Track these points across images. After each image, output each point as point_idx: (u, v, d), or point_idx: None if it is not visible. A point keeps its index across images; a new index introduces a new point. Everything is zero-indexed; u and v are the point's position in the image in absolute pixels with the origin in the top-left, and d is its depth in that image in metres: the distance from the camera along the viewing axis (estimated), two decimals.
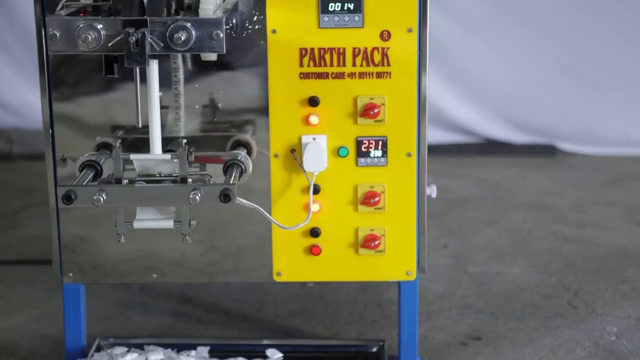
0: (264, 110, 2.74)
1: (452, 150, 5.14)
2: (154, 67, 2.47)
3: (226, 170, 2.62)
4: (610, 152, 5.07)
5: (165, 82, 2.67)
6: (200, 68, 2.71)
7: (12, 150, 5.15)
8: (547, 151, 5.11)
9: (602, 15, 4.96)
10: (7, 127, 5.16)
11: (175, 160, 2.48)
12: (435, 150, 4.85)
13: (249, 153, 2.73)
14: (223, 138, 2.74)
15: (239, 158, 2.65)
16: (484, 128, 5.13)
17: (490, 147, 5.15)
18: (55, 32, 2.34)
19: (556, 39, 5.01)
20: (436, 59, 4.68)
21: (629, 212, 4.32)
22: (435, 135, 5.04)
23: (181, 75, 2.71)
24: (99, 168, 2.58)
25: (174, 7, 2.51)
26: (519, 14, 4.98)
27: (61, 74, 2.72)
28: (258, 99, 2.73)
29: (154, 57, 2.41)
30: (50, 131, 2.75)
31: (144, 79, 2.48)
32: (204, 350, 2.97)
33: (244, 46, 2.70)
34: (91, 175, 2.55)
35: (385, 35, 2.69)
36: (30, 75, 5.00)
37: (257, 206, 2.59)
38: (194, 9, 2.56)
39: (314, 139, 2.73)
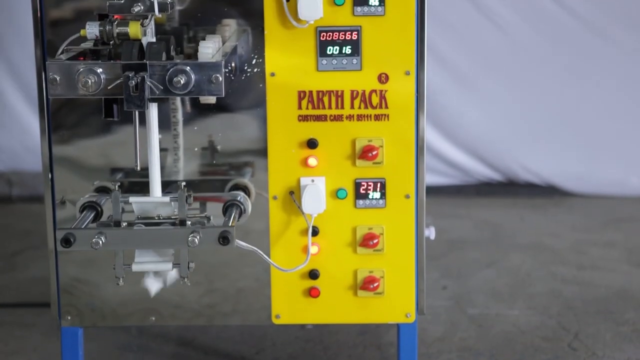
0: (262, 152, 2.75)
1: (451, 191, 5.14)
2: (153, 111, 2.48)
3: (225, 211, 2.63)
4: (609, 193, 5.07)
5: (164, 123, 2.68)
6: (199, 110, 2.73)
7: (12, 193, 5.15)
8: (546, 192, 5.12)
9: (594, 60, 4.99)
10: (6, 169, 5.17)
11: (174, 202, 2.49)
12: (434, 191, 4.86)
13: (248, 196, 2.74)
14: (222, 181, 2.75)
15: (238, 198, 2.66)
16: (482, 172, 5.14)
17: (489, 188, 5.16)
18: (55, 76, 2.36)
19: (552, 87, 5.03)
20: (430, 105, 4.71)
21: (629, 254, 4.31)
22: (434, 176, 5.05)
23: (180, 116, 2.73)
24: (99, 209, 2.59)
25: (173, 50, 2.53)
26: (512, 64, 5.01)
27: (61, 117, 2.74)
28: (257, 141, 2.75)
29: (153, 100, 2.42)
30: (50, 174, 2.75)
31: (143, 121, 2.50)
32: None
33: (243, 89, 2.71)
34: (91, 216, 2.55)
35: (383, 78, 2.71)
36: (28, 118, 5.02)
37: (256, 249, 2.59)
38: (193, 52, 2.58)
39: (313, 180, 2.73)
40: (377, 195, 2.75)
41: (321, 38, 2.68)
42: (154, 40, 2.47)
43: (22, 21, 4.90)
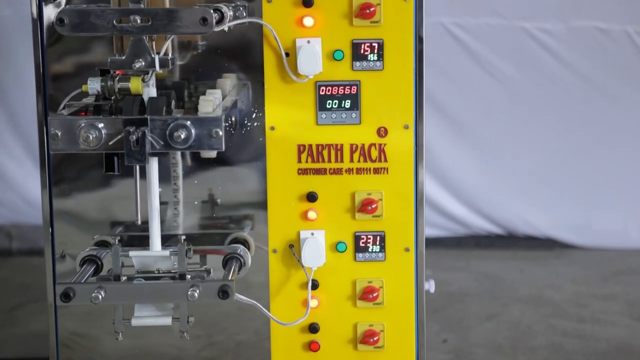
0: (262, 205, 2.76)
1: (450, 243, 5.14)
2: (153, 165, 2.50)
3: (225, 264, 2.63)
4: (609, 246, 5.07)
5: (165, 176, 2.69)
6: (200, 163, 2.74)
7: (12, 246, 5.15)
8: (545, 244, 5.12)
9: (592, 112, 5.02)
10: (6, 222, 5.17)
11: (174, 256, 2.49)
12: (433, 243, 4.86)
13: (248, 249, 2.74)
14: (221, 235, 2.76)
15: (238, 252, 2.66)
16: (480, 224, 5.15)
17: (488, 241, 5.16)
18: (57, 131, 2.37)
19: (550, 139, 5.05)
20: (429, 157, 4.73)
21: (630, 307, 4.30)
22: (433, 229, 5.05)
23: (180, 170, 2.74)
24: (99, 263, 2.59)
25: (174, 105, 2.55)
26: (510, 116, 5.04)
27: (61, 170, 2.75)
28: (257, 194, 2.76)
29: (154, 155, 2.44)
30: (50, 227, 2.76)
31: (143, 174, 2.51)
32: None
33: (243, 142, 2.73)
34: (91, 270, 2.55)
35: (382, 132, 2.72)
36: (30, 171, 5.04)
37: (255, 302, 2.58)
38: (194, 106, 2.61)
39: (312, 234, 2.74)
40: (377, 248, 2.75)
41: (320, 92, 2.70)
42: (155, 95, 2.49)
43: (25, 74, 4.94)
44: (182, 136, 2.38)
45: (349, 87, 2.70)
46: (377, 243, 2.75)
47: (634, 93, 5.01)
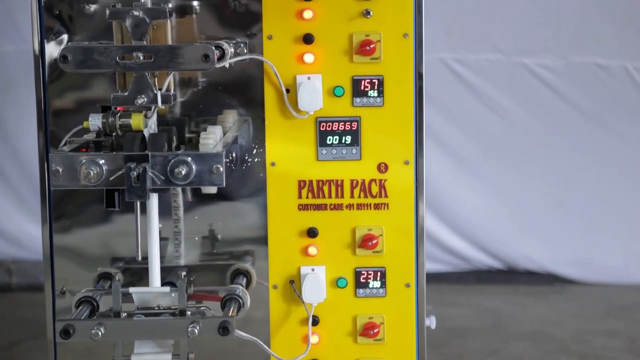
0: (263, 241, 2.75)
1: (451, 278, 5.13)
2: (154, 201, 2.50)
3: (224, 305, 2.62)
4: (610, 281, 5.06)
5: (165, 210, 2.69)
6: (200, 199, 2.74)
7: (12, 282, 5.14)
8: (547, 280, 5.11)
9: (592, 147, 5.03)
10: (6, 257, 5.16)
11: (174, 294, 2.48)
12: (434, 278, 4.85)
13: (249, 282, 2.73)
14: (222, 268, 2.76)
15: (237, 292, 2.65)
16: (481, 259, 5.14)
17: (489, 276, 5.15)
18: (58, 167, 2.38)
19: (550, 174, 5.06)
20: (430, 192, 4.74)
21: (632, 344, 4.28)
22: (433, 263, 5.04)
23: (180, 201, 2.74)
24: (95, 304, 2.58)
25: (175, 140, 2.56)
26: (511, 151, 5.05)
27: (62, 206, 2.75)
28: (257, 229, 2.76)
29: (154, 190, 2.44)
30: (50, 263, 2.76)
31: (143, 209, 2.51)
32: None
33: (244, 178, 2.74)
34: (87, 312, 2.54)
35: (382, 168, 2.73)
36: (30, 206, 5.04)
37: (255, 339, 2.57)
38: (195, 142, 2.61)
39: (313, 270, 2.73)
40: (378, 284, 2.75)
41: (321, 128, 2.71)
42: (156, 131, 2.50)
43: (26, 109, 4.96)
44: (183, 172, 2.38)
45: (349, 123, 2.70)
46: (378, 279, 2.74)
47: (633, 128, 5.02)
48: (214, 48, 2.38)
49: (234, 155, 2.65)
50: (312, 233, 2.74)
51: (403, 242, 2.74)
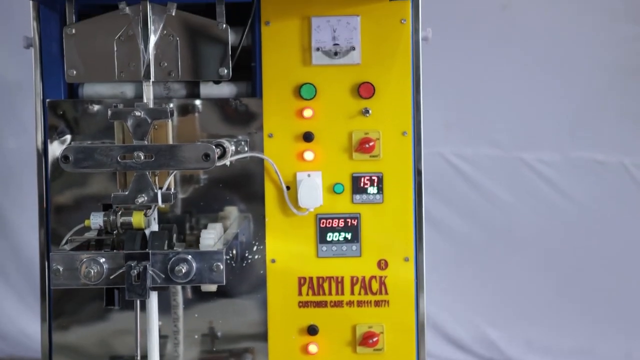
0: (263, 338, 2.74)
1: None
2: (154, 300, 2.49)
3: None
4: None
5: (165, 305, 2.68)
6: (200, 296, 2.73)
7: None
8: None
9: (590, 242, 5.03)
10: (5, 356, 5.11)
11: None
12: None
13: None
14: None
15: None
16: (483, 352, 5.09)
17: None
18: (58, 266, 2.37)
19: (549, 263, 5.05)
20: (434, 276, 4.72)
21: None
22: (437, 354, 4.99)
23: (180, 299, 2.73)
24: None
25: (175, 238, 2.57)
26: (511, 241, 5.06)
27: (61, 304, 2.74)
28: (257, 325, 2.74)
29: (154, 289, 2.43)
30: None
31: (143, 307, 2.50)
32: None
33: (244, 275, 2.73)
34: None
35: (382, 264, 2.73)
36: (29, 304, 5.01)
37: None
38: (195, 239, 2.62)
39: None
40: None
41: (321, 225, 2.72)
42: (156, 229, 2.51)
43: (28, 206, 4.97)
44: (183, 270, 2.38)
45: (349, 219, 2.72)
46: None
47: (630, 223, 5.03)
48: (214, 147, 2.40)
49: (234, 252, 2.66)
50: (312, 330, 2.72)
51: (404, 339, 2.73)
